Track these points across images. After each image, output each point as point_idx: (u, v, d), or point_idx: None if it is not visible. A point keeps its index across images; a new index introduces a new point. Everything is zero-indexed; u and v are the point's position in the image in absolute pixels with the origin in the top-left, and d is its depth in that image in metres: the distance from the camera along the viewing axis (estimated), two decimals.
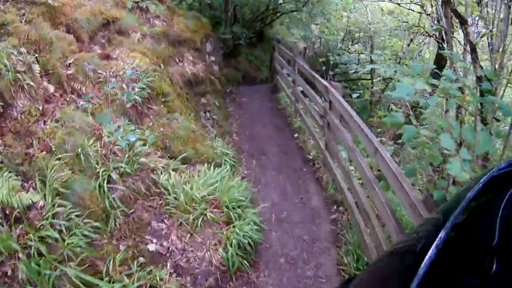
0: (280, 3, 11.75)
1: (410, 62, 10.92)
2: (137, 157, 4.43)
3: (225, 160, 5.76)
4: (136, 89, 5.23)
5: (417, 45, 11.37)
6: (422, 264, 0.55)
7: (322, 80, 5.45)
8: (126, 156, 4.38)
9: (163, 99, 5.70)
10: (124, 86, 5.14)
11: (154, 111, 5.54)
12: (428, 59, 11.91)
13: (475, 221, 0.62)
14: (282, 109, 8.82)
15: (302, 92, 7.39)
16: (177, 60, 7.00)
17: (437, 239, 0.57)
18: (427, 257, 0.56)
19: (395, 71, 4.04)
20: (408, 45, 11.16)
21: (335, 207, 5.36)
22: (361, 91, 11.09)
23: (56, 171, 3.69)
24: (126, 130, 4.66)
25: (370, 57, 11.32)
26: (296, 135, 7.38)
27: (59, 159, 3.81)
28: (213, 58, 8.42)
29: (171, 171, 4.66)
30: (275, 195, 5.73)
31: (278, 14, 12.50)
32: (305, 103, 6.92)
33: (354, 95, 6.76)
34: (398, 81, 3.45)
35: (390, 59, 11.47)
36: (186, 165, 5.25)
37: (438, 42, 7.16)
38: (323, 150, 5.82)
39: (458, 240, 0.60)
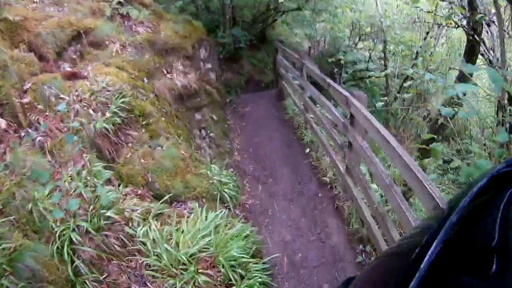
0: (282, 2, 10.79)
1: (427, 56, 9.88)
2: (105, 210, 3.45)
3: (223, 191, 4.77)
4: (108, 114, 4.28)
5: (431, 37, 10.21)
6: (422, 264, 0.53)
7: (340, 89, 4.37)
8: (91, 207, 3.43)
9: (144, 122, 4.74)
10: (92, 112, 4.19)
11: (134, 138, 4.59)
12: (448, 51, 10.80)
13: (475, 221, 0.59)
14: (290, 119, 7.75)
15: (310, 97, 6.41)
16: (165, 72, 6.04)
17: (437, 239, 0.55)
18: (426, 257, 0.53)
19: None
20: (425, 38, 10.02)
21: (360, 246, 4.34)
22: (367, 90, 10.03)
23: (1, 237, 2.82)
24: (92, 172, 3.71)
25: (384, 53, 10.20)
26: (307, 150, 6.34)
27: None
28: (209, 65, 7.44)
29: (151, 220, 3.68)
30: (287, 231, 4.74)
31: (280, 14, 11.59)
32: (316, 113, 5.89)
33: (379, 104, 5.51)
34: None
35: (407, 55, 10.42)
36: (173, 205, 4.30)
37: (469, 34, 6.07)
38: (343, 174, 4.79)
39: (457, 240, 0.57)
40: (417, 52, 9.88)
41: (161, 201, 3.96)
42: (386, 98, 9.05)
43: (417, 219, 2.89)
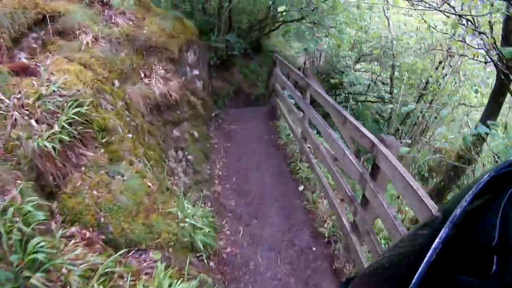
0: (282, 11, 10.00)
1: (436, 88, 9.14)
2: (30, 272, 2.42)
3: (196, 238, 3.79)
4: (56, 128, 3.27)
5: (445, 67, 9.46)
6: (422, 264, 0.55)
7: (363, 129, 3.42)
8: (15, 266, 2.40)
9: (104, 140, 3.74)
10: (34, 123, 3.17)
11: (88, 159, 3.58)
12: (457, 82, 10.06)
13: (475, 221, 0.61)
14: (283, 145, 6.77)
15: (309, 122, 5.52)
16: (143, 75, 5.05)
17: (437, 239, 0.57)
18: (426, 257, 0.56)
19: None
20: (437, 68, 9.28)
21: None
22: (359, 114, 9.19)
23: None
24: (22, 210, 2.68)
25: (391, 79, 9.40)
26: (301, 188, 5.40)
27: None
28: (195, 72, 6.46)
29: (95, 285, 2.67)
30: None
31: (278, 24, 10.77)
32: (319, 148, 4.94)
33: (404, 149, 4.45)
34: None
35: (413, 85, 9.67)
36: (131, 254, 3.30)
37: (501, 71, 5.27)
38: (348, 231, 3.87)
39: (458, 240, 0.59)
40: (427, 82, 9.12)
41: (113, 256, 2.95)
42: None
43: None
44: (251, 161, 6.18)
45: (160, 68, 5.22)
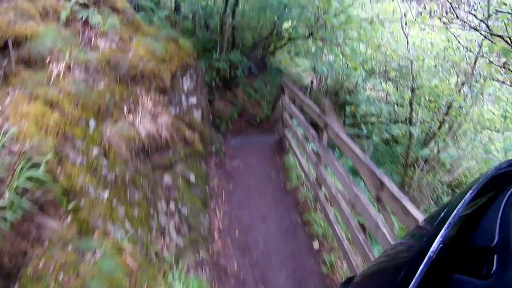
0: (287, 28, 9.51)
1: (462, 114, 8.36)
2: None
3: None
4: (7, 195, 2.46)
5: (472, 92, 8.64)
6: (422, 264, 0.55)
7: (412, 209, 2.49)
8: None
9: (72, 205, 2.92)
10: None
11: (52, 232, 2.76)
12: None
13: (475, 221, 0.62)
14: (293, 189, 5.86)
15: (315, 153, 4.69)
16: (126, 111, 4.25)
17: (437, 239, 0.57)
18: (427, 256, 0.55)
19: None
20: (459, 90, 8.45)
21: None
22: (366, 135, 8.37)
23: None
24: None
25: (410, 104, 8.55)
26: (316, 246, 4.55)
27: None
28: (193, 100, 5.65)
29: None
30: None
31: (286, 41, 10.10)
32: (341, 207, 4.04)
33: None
34: None
35: (434, 109, 8.84)
36: None
37: None
38: None
39: (458, 239, 0.60)
40: (449, 106, 8.34)
41: None
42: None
43: None
44: (256, 209, 5.30)
45: (148, 100, 4.42)
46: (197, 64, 5.90)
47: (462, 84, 8.60)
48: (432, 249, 0.55)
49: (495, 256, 0.51)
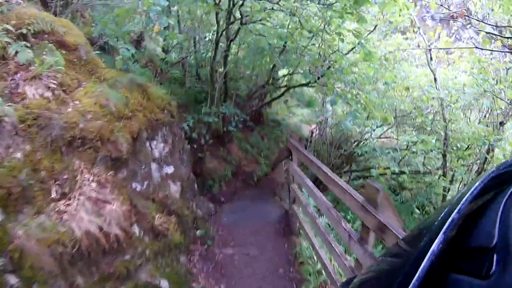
0: (285, 75, 8.71)
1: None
2: None
3: None
4: None
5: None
6: (422, 264, 0.54)
7: None
8: None
9: None
10: None
11: None
12: None
13: (475, 221, 0.61)
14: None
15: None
16: (55, 195, 2.69)
17: (437, 239, 0.56)
18: (427, 256, 0.55)
19: None
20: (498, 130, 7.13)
21: None
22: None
23: None
24: None
25: (444, 155, 7.09)
26: None
27: None
28: (168, 170, 4.12)
29: None
30: None
31: (281, 91, 8.91)
32: None
33: None
34: None
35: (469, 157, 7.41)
36: None
37: None
38: None
39: (457, 240, 0.59)
40: (488, 150, 6.96)
41: None
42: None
43: None
44: None
45: (91, 178, 2.87)
46: (175, 120, 4.41)
47: (501, 124, 7.30)
48: (431, 249, 0.54)
49: (495, 256, 0.50)
